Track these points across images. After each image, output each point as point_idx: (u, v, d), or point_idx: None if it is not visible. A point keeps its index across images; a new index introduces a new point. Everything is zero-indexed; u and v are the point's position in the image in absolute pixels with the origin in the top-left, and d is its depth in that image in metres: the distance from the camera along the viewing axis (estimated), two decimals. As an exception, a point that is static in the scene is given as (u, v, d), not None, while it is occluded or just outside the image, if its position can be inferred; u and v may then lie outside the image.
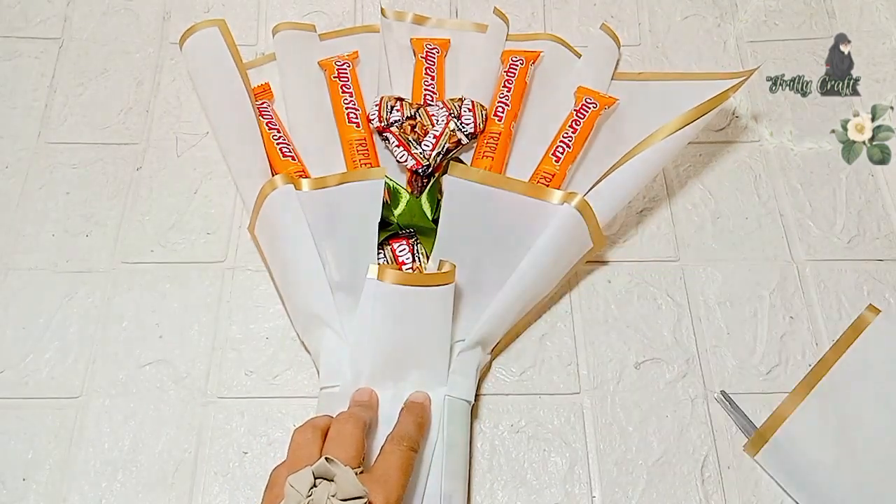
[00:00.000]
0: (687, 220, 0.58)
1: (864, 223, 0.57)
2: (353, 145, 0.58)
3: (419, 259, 0.53)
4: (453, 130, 0.56)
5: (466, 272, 0.49)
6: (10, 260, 0.55)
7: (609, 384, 0.51)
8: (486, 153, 0.57)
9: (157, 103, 0.62)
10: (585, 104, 0.60)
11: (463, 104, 0.59)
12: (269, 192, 0.51)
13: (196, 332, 0.52)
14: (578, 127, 0.58)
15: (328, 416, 0.42)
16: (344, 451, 0.38)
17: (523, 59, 0.62)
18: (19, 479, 0.47)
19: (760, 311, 0.54)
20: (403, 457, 0.40)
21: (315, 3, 0.68)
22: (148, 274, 0.54)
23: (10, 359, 0.51)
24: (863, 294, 0.54)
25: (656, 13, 0.68)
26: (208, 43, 0.60)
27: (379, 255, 0.53)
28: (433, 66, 0.63)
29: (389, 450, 0.40)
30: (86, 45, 0.65)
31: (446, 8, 0.69)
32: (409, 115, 0.57)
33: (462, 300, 0.50)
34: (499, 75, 0.62)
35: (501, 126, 0.59)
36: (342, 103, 0.60)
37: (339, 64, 0.63)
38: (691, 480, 0.48)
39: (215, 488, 0.47)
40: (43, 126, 0.61)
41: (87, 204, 0.57)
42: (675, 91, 0.60)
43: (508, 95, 0.60)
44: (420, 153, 0.55)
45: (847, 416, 0.49)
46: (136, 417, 0.49)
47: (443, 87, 0.63)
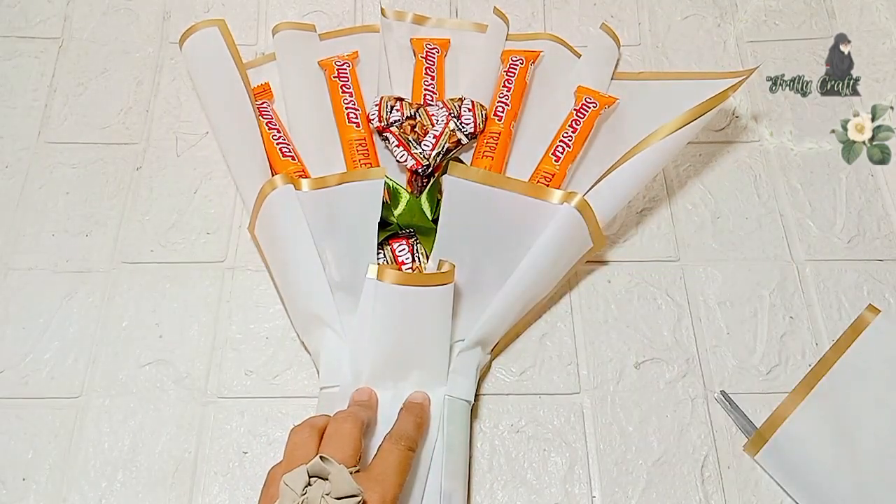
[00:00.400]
0: (687, 220, 0.58)
1: (864, 223, 0.57)
2: (352, 145, 0.58)
3: (419, 259, 0.53)
4: (453, 130, 0.56)
5: (466, 272, 0.49)
6: (10, 260, 0.55)
7: (609, 384, 0.51)
8: (485, 153, 0.57)
9: (156, 103, 0.62)
10: (585, 104, 0.60)
11: (463, 104, 0.59)
12: (268, 192, 0.51)
13: (196, 332, 0.52)
14: (578, 126, 0.58)
15: (326, 416, 0.42)
16: (340, 450, 0.38)
17: (523, 58, 0.62)
18: (19, 478, 0.47)
19: (760, 311, 0.54)
20: (401, 456, 0.40)
21: (315, 3, 0.68)
22: (148, 274, 0.54)
23: (10, 359, 0.51)
24: (863, 294, 0.54)
25: (656, 13, 0.68)
26: (208, 43, 0.60)
27: (379, 254, 0.53)
28: (433, 65, 0.63)
29: (387, 449, 0.40)
30: (86, 45, 0.65)
31: (446, 8, 0.69)
32: (409, 115, 0.57)
33: (462, 300, 0.50)
34: (499, 75, 0.62)
35: (501, 126, 0.59)
36: (342, 103, 0.60)
37: (338, 64, 0.63)
38: (691, 480, 0.48)
39: (215, 488, 0.47)
40: (43, 126, 0.61)
41: (87, 204, 0.57)
42: (675, 91, 0.60)
43: (508, 95, 0.60)
44: (420, 153, 0.55)
45: (847, 416, 0.49)
46: (136, 417, 0.49)
47: (443, 87, 0.63)
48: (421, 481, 0.44)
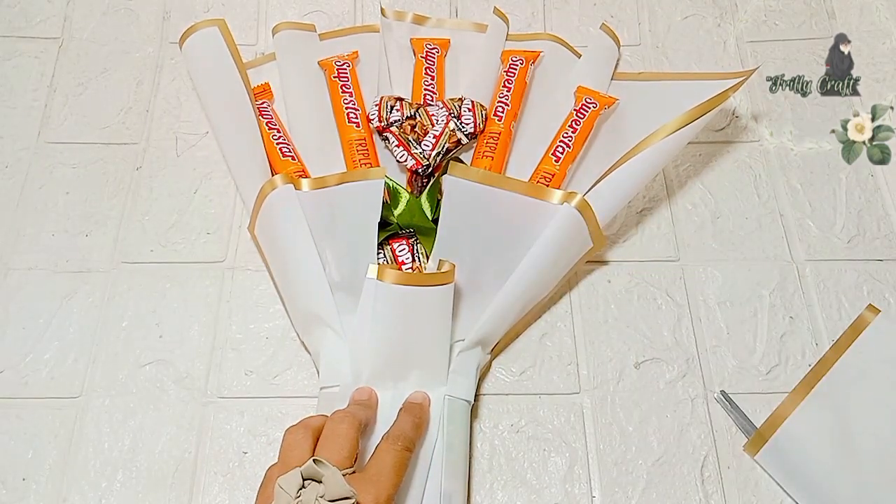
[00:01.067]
0: (687, 220, 0.58)
1: (863, 223, 0.57)
2: (352, 145, 0.58)
3: (419, 259, 0.53)
4: (453, 130, 0.56)
5: (466, 272, 0.49)
6: (10, 260, 0.55)
7: (609, 384, 0.51)
8: (485, 153, 0.57)
9: (156, 103, 0.62)
10: (585, 104, 0.60)
11: (463, 104, 0.59)
12: (268, 192, 0.51)
13: (196, 332, 0.52)
14: (578, 127, 0.58)
15: (323, 416, 0.42)
16: (336, 452, 0.38)
17: (523, 59, 0.62)
18: (19, 478, 0.47)
19: (760, 311, 0.54)
20: (397, 457, 0.40)
21: (315, 3, 0.68)
22: (148, 274, 0.54)
23: (11, 359, 0.51)
24: (862, 294, 0.54)
25: (656, 13, 0.68)
26: (208, 43, 0.60)
27: (379, 254, 0.53)
28: (433, 65, 0.63)
29: (384, 448, 0.40)
30: (86, 45, 0.65)
31: (446, 8, 0.69)
32: (409, 115, 0.57)
33: (462, 300, 0.50)
34: (499, 75, 0.62)
35: (501, 126, 0.59)
36: (342, 103, 0.60)
37: (338, 64, 0.63)
38: (691, 480, 0.48)
39: (215, 488, 0.47)
40: (43, 126, 0.61)
41: (87, 204, 0.57)
42: (675, 91, 0.60)
43: (508, 95, 0.60)
44: (420, 153, 0.55)
45: (847, 416, 0.49)
46: (135, 417, 0.49)
47: (443, 87, 0.63)
48: (421, 481, 0.44)
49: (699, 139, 0.61)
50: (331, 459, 0.36)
